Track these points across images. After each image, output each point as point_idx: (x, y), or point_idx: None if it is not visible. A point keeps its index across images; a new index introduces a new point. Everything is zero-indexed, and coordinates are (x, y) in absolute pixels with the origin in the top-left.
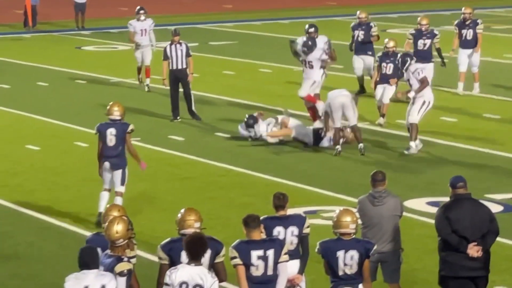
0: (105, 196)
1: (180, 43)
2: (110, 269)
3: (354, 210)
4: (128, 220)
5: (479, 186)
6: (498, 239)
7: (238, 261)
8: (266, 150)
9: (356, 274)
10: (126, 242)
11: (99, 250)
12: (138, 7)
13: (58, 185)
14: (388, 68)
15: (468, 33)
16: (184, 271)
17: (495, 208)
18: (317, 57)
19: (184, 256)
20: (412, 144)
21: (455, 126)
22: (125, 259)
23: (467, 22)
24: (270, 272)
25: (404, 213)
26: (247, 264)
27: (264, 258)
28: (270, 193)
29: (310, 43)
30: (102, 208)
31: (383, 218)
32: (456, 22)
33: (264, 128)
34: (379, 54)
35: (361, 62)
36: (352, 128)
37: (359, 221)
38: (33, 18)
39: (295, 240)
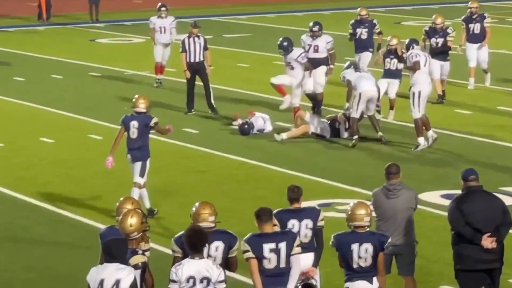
0: (142, 192)
1: (198, 36)
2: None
3: (368, 203)
4: (142, 213)
5: (493, 178)
6: (511, 231)
7: (250, 254)
8: (280, 143)
9: (370, 267)
10: (141, 235)
11: None
12: (159, 4)
13: (72, 178)
14: (392, 64)
15: (476, 27)
16: (190, 266)
17: (509, 201)
18: (294, 58)
19: None
20: (421, 140)
21: (469, 119)
22: (140, 252)
23: (474, 17)
24: (282, 264)
25: (418, 206)
26: (260, 258)
27: (276, 251)
28: (285, 186)
29: (285, 44)
30: (147, 204)
31: (398, 211)
32: (463, 17)
33: (262, 123)
34: (383, 49)
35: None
36: (370, 117)
37: (373, 214)
38: (47, 10)
39: (310, 233)
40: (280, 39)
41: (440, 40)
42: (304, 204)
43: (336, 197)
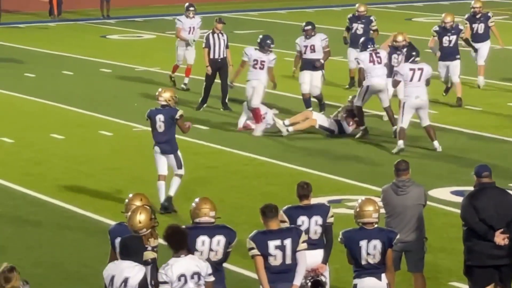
0: (161, 185)
1: (222, 33)
2: None
3: (377, 199)
4: (151, 209)
5: (504, 175)
6: None
7: (255, 251)
8: (289, 139)
9: (379, 264)
10: (150, 231)
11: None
12: (188, 4)
13: (82, 174)
14: (398, 62)
15: (480, 27)
16: (179, 264)
17: None
18: (271, 59)
19: (199, 242)
20: (400, 143)
21: (479, 115)
22: (149, 248)
23: (478, 16)
24: (288, 261)
25: (429, 202)
26: (265, 255)
27: (282, 248)
28: (294, 182)
29: (269, 41)
30: (162, 199)
31: (407, 207)
32: (466, 16)
33: (269, 117)
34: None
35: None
36: (386, 108)
37: (382, 210)
38: (58, 6)
39: (319, 230)
40: (265, 36)
41: (453, 38)
42: (313, 200)
43: (346, 194)
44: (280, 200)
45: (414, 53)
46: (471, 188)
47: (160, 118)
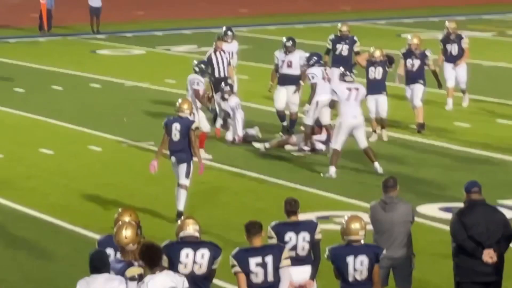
0: (182, 193)
1: (224, 51)
2: (120, 274)
3: (366, 215)
4: (138, 225)
5: (492, 191)
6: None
7: (237, 269)
8: (279, 155)
9: (366, 280)
10: (136, 247)
11: (111, 251)
12: (225, 28)
13: (72, 189)
14: (377, 74)
15: (453, 48)
16: (155, 281)
17: (508, 214)
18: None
19: (183, 255)
20: (331, 169)
21: (468, 132)
22: (136, 263)
23: (451, 37)
24: (270, 278)
25: (417, 219)
26: (246, 272)
27: (263, 265)
28: (283, 198)
29: (203, 66)
30: (180, 206)
31: (395, 224)
32: (440, 37)
33: (236, 101)
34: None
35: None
36: (326, 127)
37: (369, 227)
38: (48, 22)
39: (307, 246)
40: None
41: (417, 63)
42: (302, 216)
43: (334, 210)
44: (270, 216)
45: (346, 71)
46: (459, 205)
47: (176, 127)
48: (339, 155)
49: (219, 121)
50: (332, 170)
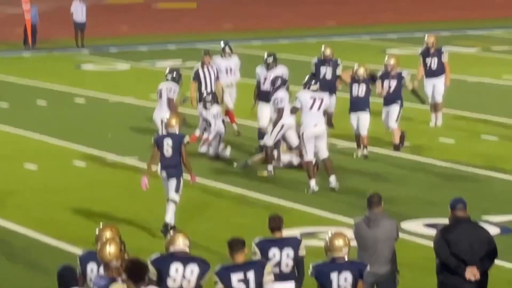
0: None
1: (211, 65)
2: None
3: (348, 231)
4: (121, 241)
5: (477, 207)
6: (496, 261)
7: (220, 286)
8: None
9: None
10: (120, 263)
11: (94, 266)
12: (224, 43)
13: (56, 205)
14: (361, 91)
15: (433, 62)
16: None
17: (492, 230)
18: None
19: (173, 269)
20: (312, 182)
21: (453, 148)
22: (119, 280)
23: (431, 51)
24: None
25: (402, 235)
26: None
27: (245, 281)
28: (268, 214)
29: (175, 74)
30: (168, 218)
31: (379, 240)
32: (420, 50)
33: (218, 110)
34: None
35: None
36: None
37: (354, 243)
38: (33, 36)
39: (291, 263)
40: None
41: (393, 84)
42: (286, 232)
43: (319, 225)
44: (254, 232)
45: (313, 80)
46: (444, 221)
47: (168, 142)
48: (314, 165)
49: (198, 132)
50: (312, 183)
